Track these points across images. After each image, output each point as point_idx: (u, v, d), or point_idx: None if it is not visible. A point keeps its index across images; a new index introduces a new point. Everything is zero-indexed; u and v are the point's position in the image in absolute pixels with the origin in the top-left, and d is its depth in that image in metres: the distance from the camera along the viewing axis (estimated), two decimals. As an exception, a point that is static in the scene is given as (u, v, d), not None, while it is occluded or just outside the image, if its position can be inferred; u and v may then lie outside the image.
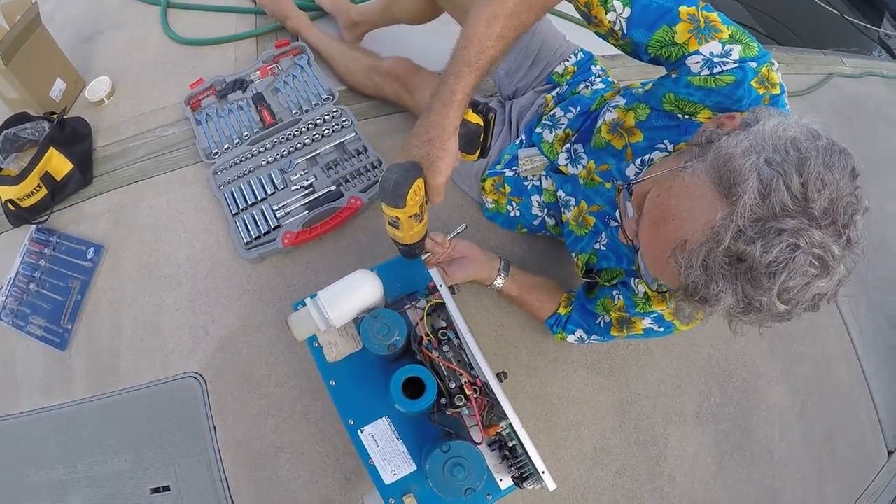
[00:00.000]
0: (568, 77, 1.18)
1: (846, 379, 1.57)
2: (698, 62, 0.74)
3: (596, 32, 0.85)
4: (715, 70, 0.73)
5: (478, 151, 0.84)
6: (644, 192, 0.72)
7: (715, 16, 0.74)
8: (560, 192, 1.09)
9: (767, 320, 0.61)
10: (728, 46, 0.72)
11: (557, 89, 1.17)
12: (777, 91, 0.73)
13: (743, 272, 0.57)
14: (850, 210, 0.56)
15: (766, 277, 0.56)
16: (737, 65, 0.72)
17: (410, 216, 0.74)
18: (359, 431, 0.82)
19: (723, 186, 0.59)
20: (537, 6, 0.74)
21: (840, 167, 0.57)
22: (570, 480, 1.20)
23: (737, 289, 0.58)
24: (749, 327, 0.63)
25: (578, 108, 1.07)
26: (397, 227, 0.78)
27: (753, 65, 0.72)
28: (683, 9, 0.74)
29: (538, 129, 1.13)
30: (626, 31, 0.78)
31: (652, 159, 0.86)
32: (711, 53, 0.73)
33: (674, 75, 0.78)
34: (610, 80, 1.17)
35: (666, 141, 0.84)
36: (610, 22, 0.78)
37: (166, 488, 1.11)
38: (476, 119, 0.79)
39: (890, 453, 1.56)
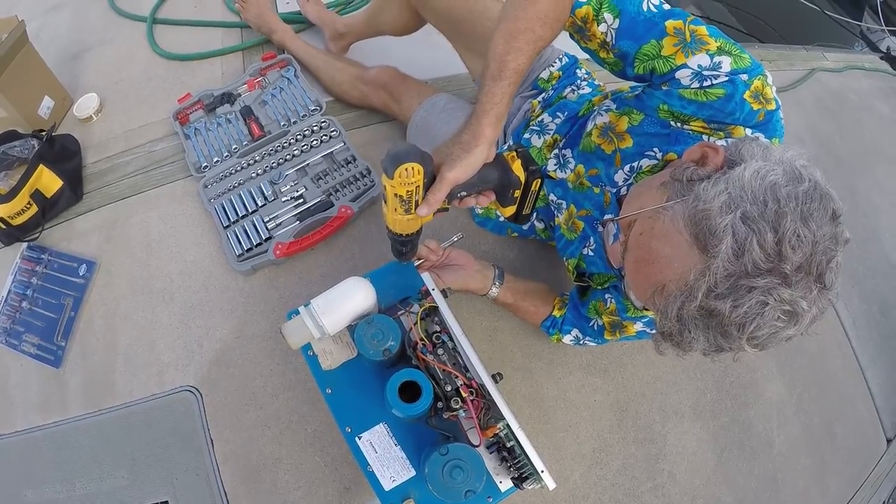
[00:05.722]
0: (553, 82, 1.18)
1: (841, 369, 1.58)
2: (688, 75, 0.73)
3: (585, 49, 0.86)
4: (705, 83, 0.72)
5: (511, 208, 0.84)
6: (629, 222, 0.73)
7: (703, 29, 0.74)
8: (552, 196, 1.09)
9: (739, 353, 0.64)
10: (717, 58, 0.72)
11: (543, 94, 1.18)
12: (773, 107, 0.73)
13: (714, 325, 0.60)
14: (825, 258, 0.57)
15: (736, 328, 0.59)
16: (727, 78, 0.71)
17: (395, 195, 0.73)
18: (357, 438, 0.82)
19: (699, 241, 0.61)
20: (549, 19, 0.76)
21: (819, 215, 0.58)
22: (570, 481, 1.19)
23: (708, 336, 0.61)
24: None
25: (566, 114, 1.08)
26: (385, 202, 0.77)
27: (745, 77, 0.71)
28: (670, 23, 0.74)
29: (526, 135, 1.13)
30: (615, 42, 0.79)
31: (641, 166, 0.86)
32: (699, 66, 0.72)
33: (664, 87, 0.78)
34: (596, 83, 1.17)
35: (655, 149, 0.84)
36: (602, 34, 0.79)
37: (165, 504, 1.10)
38: (518, 172, 0.79)
39: (889, 441, 1.57)
